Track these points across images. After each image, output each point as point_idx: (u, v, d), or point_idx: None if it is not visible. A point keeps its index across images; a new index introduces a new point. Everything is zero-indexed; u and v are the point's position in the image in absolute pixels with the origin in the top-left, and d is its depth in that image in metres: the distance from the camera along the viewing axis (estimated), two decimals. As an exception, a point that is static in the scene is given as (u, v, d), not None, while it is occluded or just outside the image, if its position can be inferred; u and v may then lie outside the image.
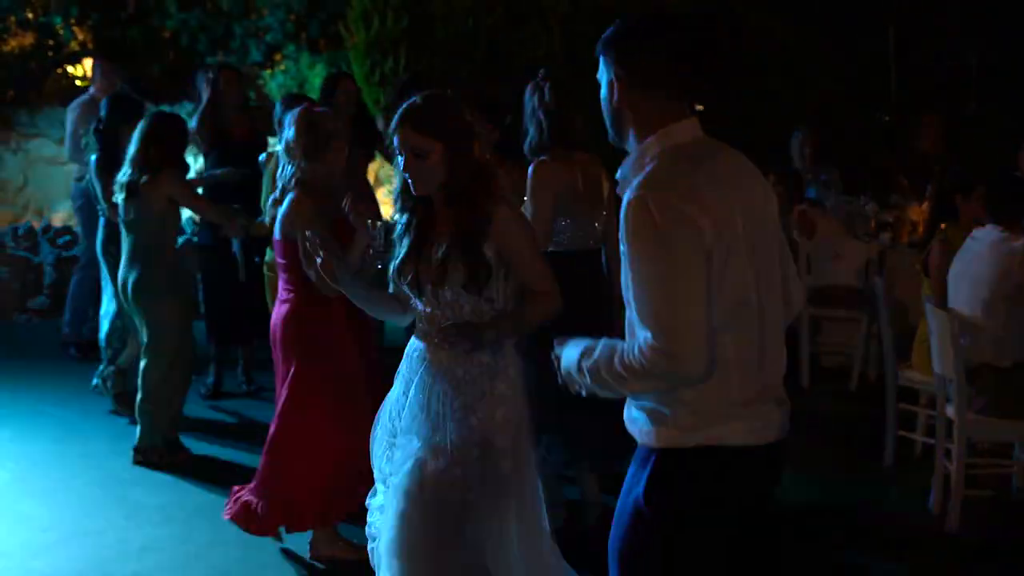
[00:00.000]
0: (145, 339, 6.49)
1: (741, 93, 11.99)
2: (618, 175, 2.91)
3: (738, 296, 2.79)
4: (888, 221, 9.48)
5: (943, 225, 6.54)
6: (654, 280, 2.71)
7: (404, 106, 3.66)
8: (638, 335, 2.74)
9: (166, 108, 9.77)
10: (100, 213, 7.30)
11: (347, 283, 3.81)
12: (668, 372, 2.70)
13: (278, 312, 5.05)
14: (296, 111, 5.06)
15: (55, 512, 5.77)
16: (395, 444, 3.80)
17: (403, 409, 3.79)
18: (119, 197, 6.37)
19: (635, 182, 2.77)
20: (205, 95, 7.99)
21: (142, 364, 6.50)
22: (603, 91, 2.93)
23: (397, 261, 3.74)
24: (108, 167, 6.87)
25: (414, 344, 3.83)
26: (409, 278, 3.70)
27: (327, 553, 5.14)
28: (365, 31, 10.54)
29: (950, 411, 5.68)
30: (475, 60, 10.06)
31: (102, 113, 7.19)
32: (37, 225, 11.32)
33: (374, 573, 3.88)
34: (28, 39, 13.06)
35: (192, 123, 7.67)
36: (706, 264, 2.72)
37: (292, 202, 4.85)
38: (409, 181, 3.66)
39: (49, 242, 10.88)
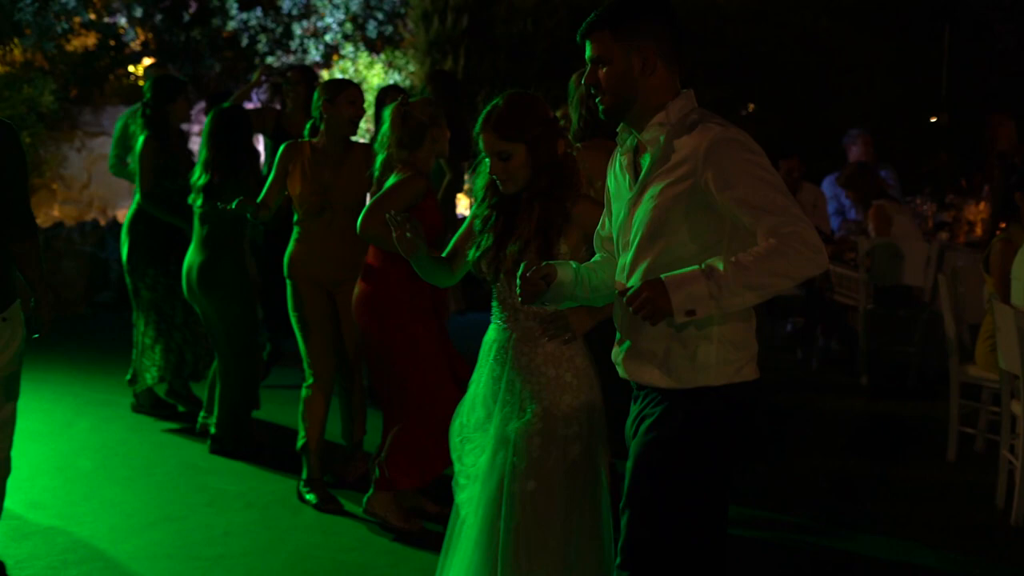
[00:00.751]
0: (208, 327, 6.73)
1: (790, 94, 12.06)
2: (647, 126, 3.13)
3: None
4: (946, 221, 9.53)
5: (1003, 224, 6.60)
6: (782, 188, 3.00)
7: (487, 110, 3.81)
8: (778, 231, 2.92)
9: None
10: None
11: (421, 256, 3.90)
12: (818, 248, 2.93)
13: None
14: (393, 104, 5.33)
15: (138, 498, 5.95)
16: (470, 439, 3.95)
17: (477, 403, 3.95)
18: (194, 199, 6.53)
19: (711, 124, 3.04)
20: (259, 93, 8.26)
21: (218, 354, 6.70)
22: (618, 66, 3.12)
23: (479, 251, 3.87)
24: (158, 148, 7.05)
25: (488, 336, 3.98)
26: (488, 267, 3.85)
27: (380, 513, 5.39)
28: (425, 31, 10.70)
29: (1015, 407, 5.76)
30: (535, 60, 10.20)
31: (147, 96, 7.28)
32: (103, 222, 11.55)
33: (437, 544, 4.11)
34: (91, 39, 13.32)
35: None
36: None
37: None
38: (497, 181, 3.83)
39: (115, 238, 11.11)
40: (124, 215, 12.14)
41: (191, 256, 6.62)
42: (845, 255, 8.70)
